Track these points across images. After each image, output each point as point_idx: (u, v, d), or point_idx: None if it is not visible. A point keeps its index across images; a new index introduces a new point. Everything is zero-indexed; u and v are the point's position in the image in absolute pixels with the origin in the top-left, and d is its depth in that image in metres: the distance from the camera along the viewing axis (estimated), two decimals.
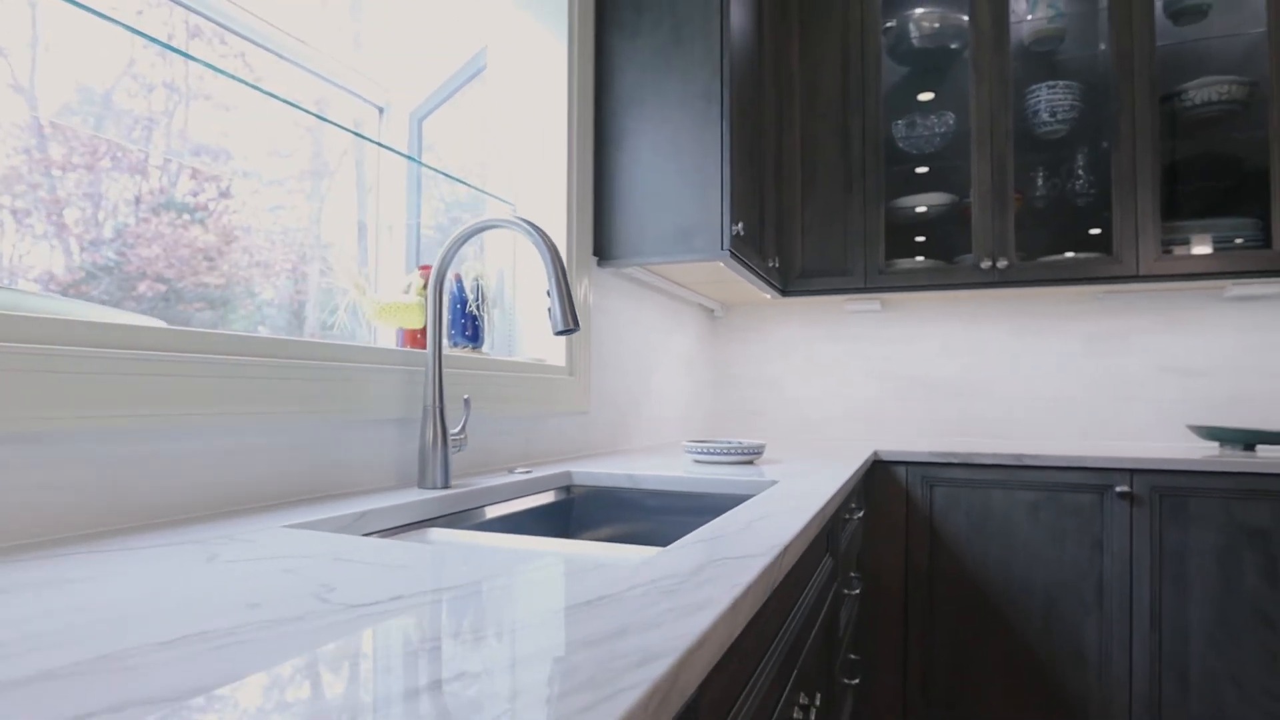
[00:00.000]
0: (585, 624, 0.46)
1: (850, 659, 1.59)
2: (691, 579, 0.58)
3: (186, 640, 0.42)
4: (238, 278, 1.31)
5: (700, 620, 0.47)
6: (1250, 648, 1.73)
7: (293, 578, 0.56)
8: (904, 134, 2.40)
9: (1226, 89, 2.05)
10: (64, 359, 0.70)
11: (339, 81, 1.60)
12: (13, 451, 0.67)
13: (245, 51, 1.33)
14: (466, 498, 1.09)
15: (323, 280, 1.51)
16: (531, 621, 0.46)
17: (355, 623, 0.45)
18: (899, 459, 1.99)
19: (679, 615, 0.48)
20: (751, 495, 1.29)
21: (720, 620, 0.48)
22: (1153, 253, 2.07)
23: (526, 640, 0.43)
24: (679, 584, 0.56)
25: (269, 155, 1.39)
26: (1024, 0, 2.32)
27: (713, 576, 0.58)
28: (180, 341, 0.82)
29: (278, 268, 1.43)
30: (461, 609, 0.49)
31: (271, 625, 0.45)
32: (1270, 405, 2.20)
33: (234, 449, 0.88)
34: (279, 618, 0.46)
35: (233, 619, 0.46)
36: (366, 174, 1.69)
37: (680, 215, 1.75)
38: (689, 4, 1.75)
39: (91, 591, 0.52)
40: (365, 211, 1.66)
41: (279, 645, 0.41)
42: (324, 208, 1.53)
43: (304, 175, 1.49)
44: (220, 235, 1.28)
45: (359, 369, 1.07)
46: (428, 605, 0.50)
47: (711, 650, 0.46)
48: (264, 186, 1.39)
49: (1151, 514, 1.80)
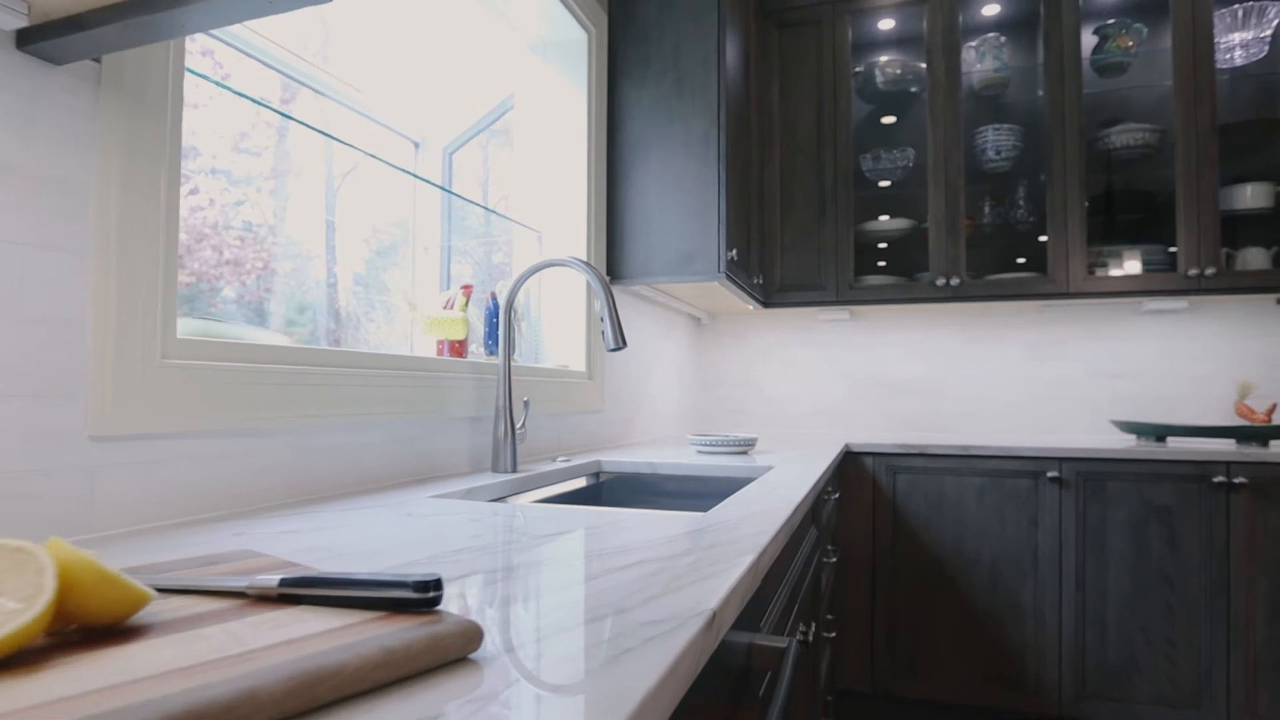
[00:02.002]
0: (693, 539, 0.74)
1: (828, 618, 1.90)
2: (742, 524, 0.86)
3: (456, 553, 0.69)
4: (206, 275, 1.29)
5: (760, 539, 0.75)
6: (1155, 604, 2.08)
7: (479, 524, 0.83)
8: (870, 166, 2.72)
9: (1141, 135, 2.41)
10: (266, 374, 0.96)
11: (382, 120, 1.85)
12: (242, 443, 0.92)
13: (301, 94, 1.55)
14: (531, 480, 1.37)
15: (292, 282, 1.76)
16: (658, 539, 0.74)
17: (549, 540, 0.73)
18: (867, 450, 2.31)
19: (747, 537, 0.76)
20: (752, 479, 1.59)
21: (773, 540, 0.77)
22: (1081, 273, 2.42)
23: (664, 546, 0.71)
24: (737, 524, 0.85)
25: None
26: (973, 51, 2.66)
27: (755, 521, 0.87)
28: (335, 359, 1.08)
29: (248, 266, 1.37)
30: (607, 534, 0.77)
31: (496, 545, 0.72)
32: (1179, 403, 2.58)
33: (367, 442, 1.15)
34: (497, 541, 0.74)
35: (465, 544, 0.73)
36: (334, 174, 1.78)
37: (683, 242, 2.04)
38: (690, 60, 2.04)
39: (355, 531, 0.78)
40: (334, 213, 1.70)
41: (511, 551, 0.69)
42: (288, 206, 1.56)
43: (270, 174, 1.47)
44: (191, 234, 1.25)
45: (445, 377, 1.34)
46: (586, 531, 0.77)
47: (769, 557, 0.75)
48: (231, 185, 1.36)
49: (1077, 495, 2.14)
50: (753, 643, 0.71)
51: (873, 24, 2.75)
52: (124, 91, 0.77)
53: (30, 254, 0.69)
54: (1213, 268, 2.29)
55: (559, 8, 1.92)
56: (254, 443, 0.94)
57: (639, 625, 0.47)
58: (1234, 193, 2.37)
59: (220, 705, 0.29)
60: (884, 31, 2.81)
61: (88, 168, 0.74)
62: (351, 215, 1.70)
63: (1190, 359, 2.57)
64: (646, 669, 0.39)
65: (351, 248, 1.73)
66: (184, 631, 0.39)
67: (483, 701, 0.35)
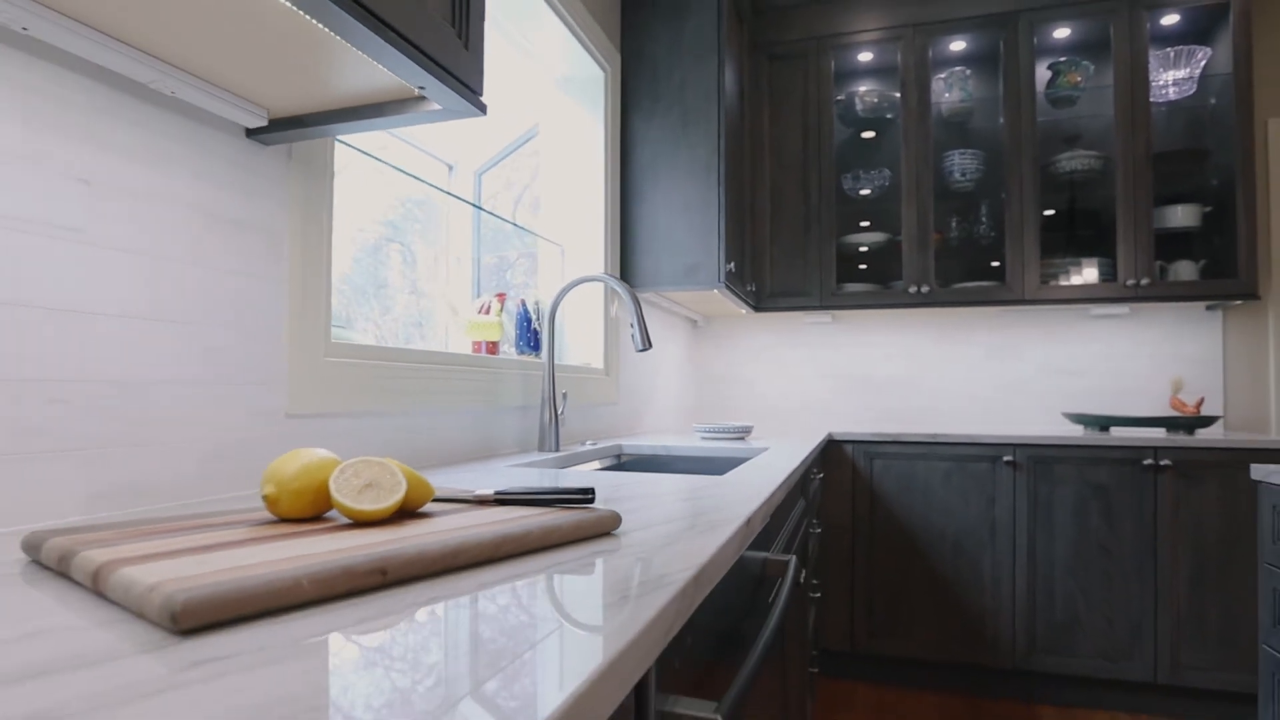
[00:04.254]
0: (720, 487, 1.03)
1: (814, 582, 2.20)
2: (754, 479, 1.16)
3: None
4: None
5: (769, 486, 1.05)
6: (1094, 571, 2.41)
7: (571, 481, 1.12)
8: (851, 184, 3.03)
9: (1088, 161, 2.74)
10: (381, 370, 1.24)
11: (419, 145, 2.13)
12: (370, 421, 1.20)
13: None
14: (572, 458, 1.65)
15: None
16: (700, 485, 1.03)
17: (629, 485, 1.02)
18: (847, 439, 2.62)
19: (760, 483, 1.06)
20: (750, 458, 1.88)
21: (779, 487, 1.07)
22: (1035, 282, 2.74)
23: (705, 489, 1.00)
24: (750, 480, 1.14)
25: None
26: (942, 83, 2.98)
27: (764, 474, 1.17)
28: (427, 358, 1.36)
29: None
30: (664, 484, 1.06)
31: (599, 486, 1.01)
32: (1120, 397, 2.91)
33: (449, 424, 1.43)
34: (597, 484, 1.02)
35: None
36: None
37: (687, 256, 2.33)
38: (695, 96, 2.33)
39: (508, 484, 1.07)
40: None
41: (606, 490, 0.97)
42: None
43: None
44: None
45: (500, 373, 1.62)
46: (647, 481, 1.06)
47: (777, 498, 1.04)
48: None
49: (1029, 477, 2.47)
50: (767, 557, 1.00)
51: (853, 56, 3.06)
52: (301, 161, 1.05)
53: (251, 283, 0.97)
54: (1148, 279, 2.62)
55: (579, 49, 2.21)
56: (378, 422, 1.22)
57: (706, 521, 0.76)
58: (1167, 213, 2.70)
59: (478, 549, 0.58)
60: (863, 63, 3.12)
61: (282, 218, 1.02)
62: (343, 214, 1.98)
63: (1131, 358, 2.91)
64: (714, 540, 0.68)
65: (340, 246, 2.01)
66: (451, 515, 0.68)
67: (620, 551, 0.64)
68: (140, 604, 0.41)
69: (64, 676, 0.34)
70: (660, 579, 0.53)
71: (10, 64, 0.70)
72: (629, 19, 2.42)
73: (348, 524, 0.62)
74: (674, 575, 0.55)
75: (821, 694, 2.52)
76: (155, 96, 0.84)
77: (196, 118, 0.89)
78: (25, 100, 0.71)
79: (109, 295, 0.78)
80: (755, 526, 0.85)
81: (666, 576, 0.54)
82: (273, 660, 0.36)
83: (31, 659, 0.36)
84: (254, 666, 0.35)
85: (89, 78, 0.77)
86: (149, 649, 0.37)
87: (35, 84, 0.72)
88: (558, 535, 0.64)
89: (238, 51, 0.77)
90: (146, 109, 0.83)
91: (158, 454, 0.83)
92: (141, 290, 0.82)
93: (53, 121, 0.73)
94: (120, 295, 0.79)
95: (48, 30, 0.69)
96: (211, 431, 0.90)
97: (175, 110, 0.86)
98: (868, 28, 2.93)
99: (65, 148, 0.74)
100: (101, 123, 0.78)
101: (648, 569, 0.56)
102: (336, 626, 0.41)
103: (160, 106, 0.84)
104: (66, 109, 0.74)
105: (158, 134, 0.84)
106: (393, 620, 0.43)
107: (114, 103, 0.79)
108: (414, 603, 0.47)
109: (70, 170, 0.75)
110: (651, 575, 0.55)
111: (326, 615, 0.43)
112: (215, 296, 0.91)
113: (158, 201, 0.84)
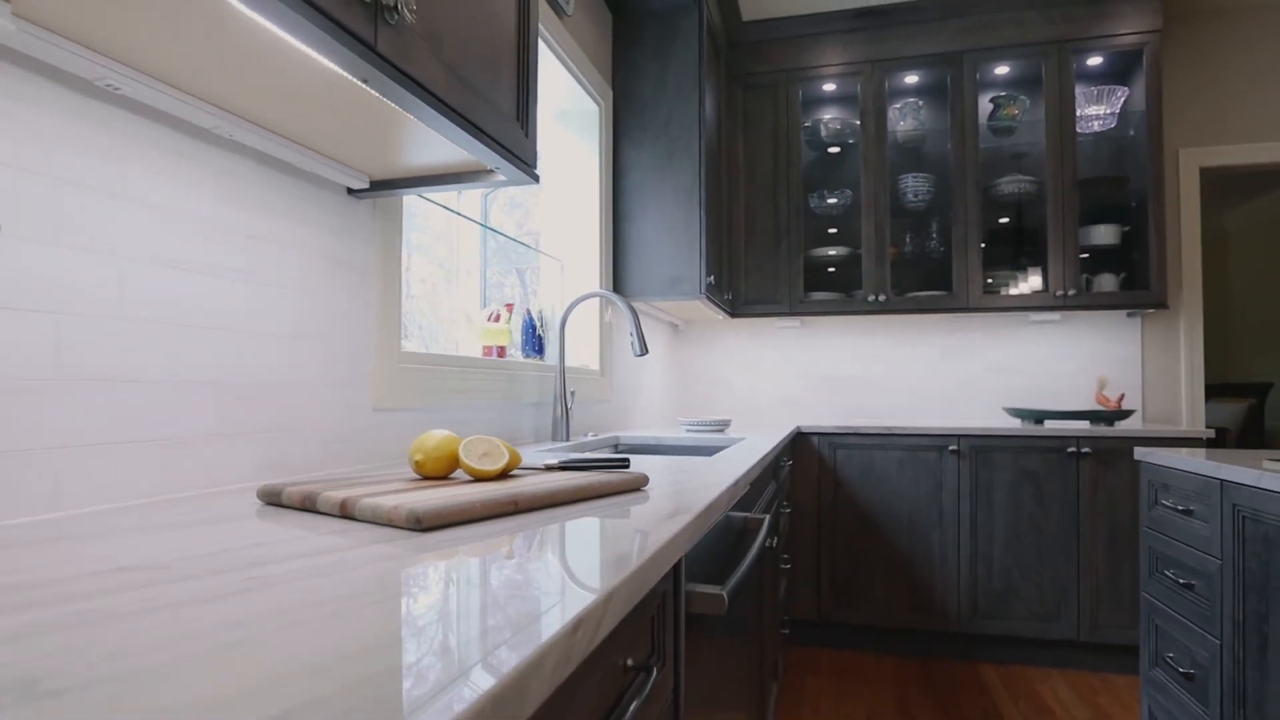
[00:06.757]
0: (708, 463, 1.34)
1: (784, 557, 2.52)
2: (735, 458, 1.46)
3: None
4: None
5: (749, 462, 1.35)
6: (1027, 546, 2.76)
7: None
8: (817, 203, 3.36)
9: (1024, 185, 3.10)
10: (432, 373, 1.52)
11: None
12: (427, 415, 1.48)
13: None
14: (579, 446, 1.94)
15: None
16: (697, 460, 1.34)
17: (656, 462, 1.32)
18: (814, 431, 2.95)
19: (741, 460, 1.36)
20: (730, 445, 2.19)
21: (757, 463, 1.37)
22: (979, 292, 3.10)
23: (702, 463, 1.30)
24: (731, 458, 1.44)
25: None
26: (897, 112, 3.33)
27: (744, 453, 1.47)
28: (463, 362, 1.65)
29: None
30: (669, 461, 1.36)
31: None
32: (1056, 393, 3.28)
33: (482, 418, 1.71)
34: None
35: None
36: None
37: (672, 269, 2.64)
38: (679, 128, 2.64)
39: None
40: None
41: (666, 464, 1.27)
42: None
43: None
44: None
45: (519, 374, 1.91)
46: (653, 459, 1.36)
47: (757, 471, 1.35)
48: None
49: (971, 464, 2.81)
50: (748, 516, 1.31)
51: (819, 87, 3.39)
52: (382, 210, 1.34)
53: (353, 307, 1.25)
54: (1075, 290, 2.99)
55: (576, 86, 2.50)
56: (431, 416, 1.50)
57: (703, 483, 1.07)
58: (1091, 231, 3.08)
59: (567, 492, 0.88)
60: (828, 93, 3.45)
61: (371, 256, 1.30)
62: None
63: (1063, 360, 3.28)
64: (714, 494, 0.99)
65: None
66: (533, 475, 0.97)
67: (651, 499, 0.94)
68: (389, 516, 0.70)
69: (354, 552, 0.63)
70: (684, 507, 0.84)
71: (209, 154, 0.98)
72: (620, 56, 2.72)
73: (468, 480, 0.91)
74: (690, 508, 0.85)
75: (790, 660, 2.85)
76: (296, 171, 1.12)
77: (319, 184, 1.17)
78: (217, 180, 0.99)
79: (267, 319, 1.06)
80: (740, 488, 1.15)
81: (686, 508, 0.84)
82: (480, 538, 0.66)
83: (323, 544, 0.65)
84: (473, 540, 0.65)
85: (252, 160, 1.05)
86: (404, 538, 0.67)
87: (224, 167, 1.00)
88: (611, 487, 0.93)
89: (362, 138, 1.06)
90: (287, 180, 1.11)
91: (299, 438, 1.11)
92: (286, 314, 1.10)
93: (231, 194, 1.01)
94: (275, 319, 1.07)
95: (231, 129, 0.97)
96: (327, 421, 1.18)
97: (308, 180, 1.14)
98: (832, 63, 3.26)
99: (239, 213, 1.02)
100: (260, 192, 1.06)
101: (674, 505, 0.87)
102: (505, 531, 0.71)
103: (297, 178, 1.12)
104: (243, 184, 1.02)
105: (295, 197, 1.12)
106: (539, 526, 0.73)
107: (267, 177, 1.07)
108: (545, 520, 0.76)
109: (243, 228, 1.03)
110: (678, 508, 0.85)
111: (492, 525, 0.73)
112: (333, 319, 1.19)
113: (296, 248, 1.12)
